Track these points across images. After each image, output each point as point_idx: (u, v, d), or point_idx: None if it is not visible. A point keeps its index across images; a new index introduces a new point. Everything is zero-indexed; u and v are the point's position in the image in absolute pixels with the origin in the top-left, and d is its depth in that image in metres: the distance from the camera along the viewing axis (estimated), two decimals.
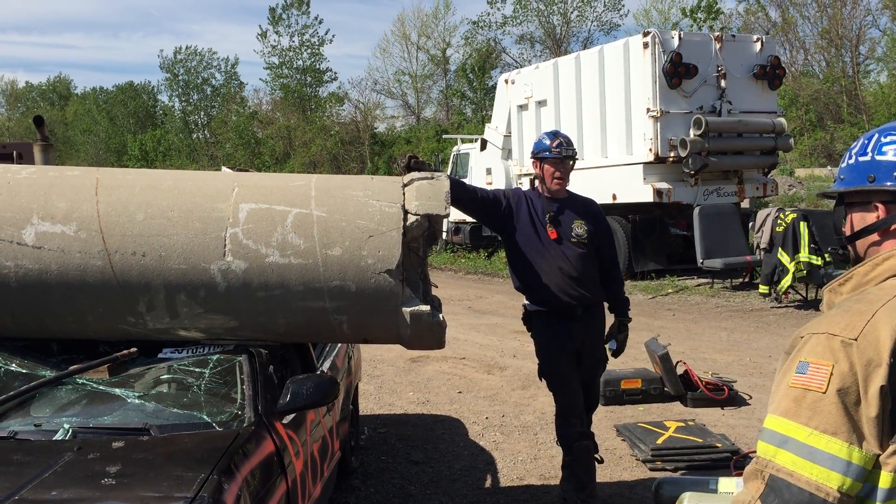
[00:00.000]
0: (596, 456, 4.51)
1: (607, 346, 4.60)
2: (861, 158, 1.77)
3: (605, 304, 4.65)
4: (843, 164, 1.83)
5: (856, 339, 1.55)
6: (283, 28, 43.06)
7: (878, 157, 1.74)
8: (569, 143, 4.45)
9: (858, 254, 1.79)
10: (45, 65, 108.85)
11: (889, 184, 1.71)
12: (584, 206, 4.55)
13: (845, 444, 1.51)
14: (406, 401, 7.11)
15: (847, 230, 1.82)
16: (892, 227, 1.72)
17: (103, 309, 3.45)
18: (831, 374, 1.54)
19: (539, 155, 4.47)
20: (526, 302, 4.55)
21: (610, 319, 4.65)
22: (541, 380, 4.59)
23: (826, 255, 10.69)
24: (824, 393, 1.53)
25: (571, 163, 4.46)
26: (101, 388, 3.35)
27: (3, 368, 3.42)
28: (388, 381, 7.79)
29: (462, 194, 4.36)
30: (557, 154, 4.39)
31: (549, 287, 4.35)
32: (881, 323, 1.56)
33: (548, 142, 4.45)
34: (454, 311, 11.35)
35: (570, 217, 4.43)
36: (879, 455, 1.52)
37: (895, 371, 1.52)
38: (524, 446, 5.74)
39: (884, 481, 1.52)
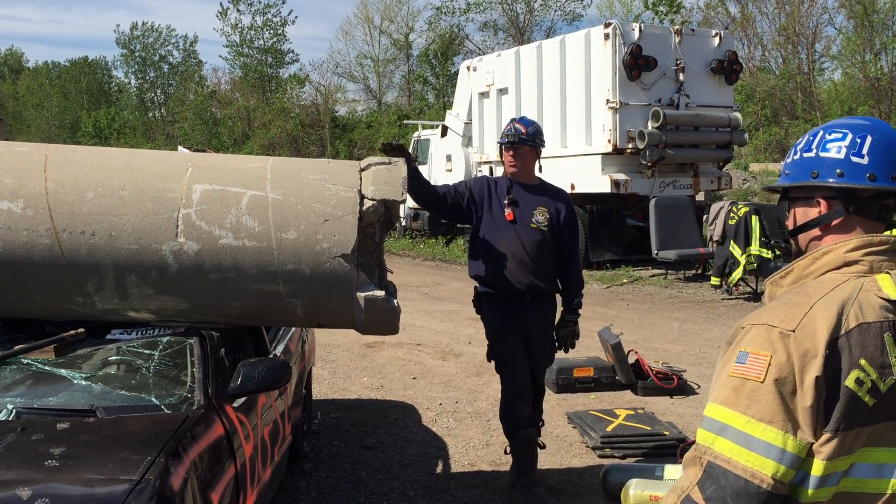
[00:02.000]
0: (539, 441, 4.59)
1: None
2: (806, 154, 1.80)
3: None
4: (789, 160, 1.86)
5: (793, 331, 1.59)
6: (245, 6, 42.42)
7: (822, 154, 1.77)
8: (519, 131, 4.51)
9: (801, 247, 1.83)
10: None
11: (831, 180, 1.74)
12: (552, 195, 4.60)
13: (780, 432, 1.55)
14: (360, 386, 7.10)
15: (790, 224, 1.85)
16: (834, 223, 1.76)
17: (51, 288, 3.39)
18: (769, 364, 1.58)
19: (499, 142, 4.67)
20: (477, 284, 4.60)
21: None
22: (489, 361, 4.63)
23: (776, 249, 10.91)
24: (762, 382, 1.57)
25: (527, 148, 4.52)
26: (46, 368, 3.29)
27: None
28: (342, 365, 7.78)
29: (425, 189, 4.48)
30: (504, 140, 4.55)
31: (500, 271, 4.40)
32: (818, 315, 1.60)
33: (504, 128, 4.60)
34: (411, 298, 11.35)
35: (534, 203, 4.49)
36: (813, 444, 1.57)
37: (830, 363, 1.57)
38: (476, 433, 5.78)
39: (816, 469, 1.57)
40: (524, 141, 4.50)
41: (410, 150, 18.95)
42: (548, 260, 4.49)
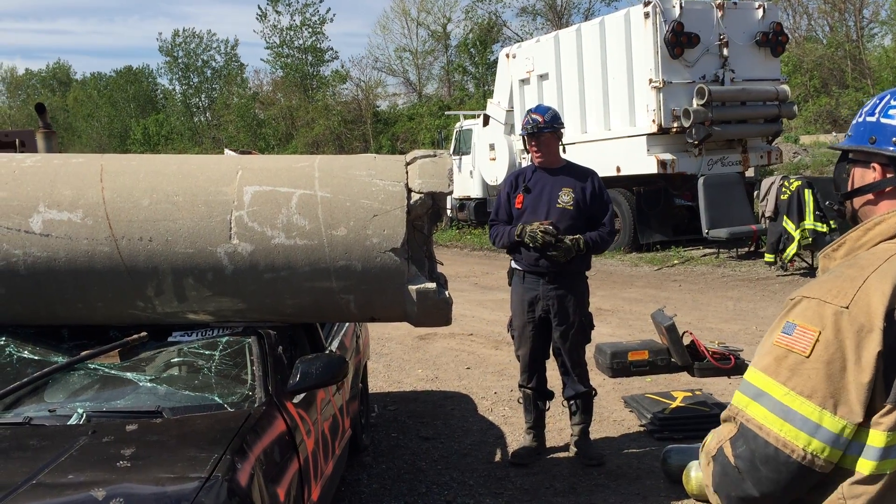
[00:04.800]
0: (539, 403, 5.07)
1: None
2: (868, 118, 1.78)
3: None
4: (854, 121, 1.84)
5: (847, 307, 1.57)
6: (283, 6, 42.77)
7: (882, 120, 1.74)
8: (535, 121, 4.79)
9: (854, 210, 1.82)
10: (42, 51, 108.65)
11: (891, 149, 1.72)
12: (577, 175, 4.90)
13: (817, 407, 1.55)
14: (415, 378, 7.16)
15: (849, 185, 1.83)
16: (888, 189, 1.74)
17: (112, 294, 3.48)
18: (817, 340, 1.57)
19: (520, 133, 4.99)
20: (512, 260, 4.99)
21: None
22: (508, 331, 5.14)
23: (831, 222, 10.68)
24: (808, 357, 1.57)
25: (548, 134, 4.82)
26: (112, 372, 3.38)
27: (15, 355, 3.46)
28: (396, 358, 7.84)
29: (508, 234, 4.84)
30: (528, 130, 4.84)
31: (525, 250, 4.77)
32: (872, 289, 1.58)
33: (524, 119, 4.93)
34: (461, 288, 11.38)
35: (559, 185, 4.82)
36: (858, 423, 1.55)
37: (889, 335, 1.54)
38: None
39: (878, 441, 1.55)
40: (543, 129, 4.80)
41: (453, 141, 19.13)
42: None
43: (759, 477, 1.59)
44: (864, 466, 1.56)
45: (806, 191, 10.75)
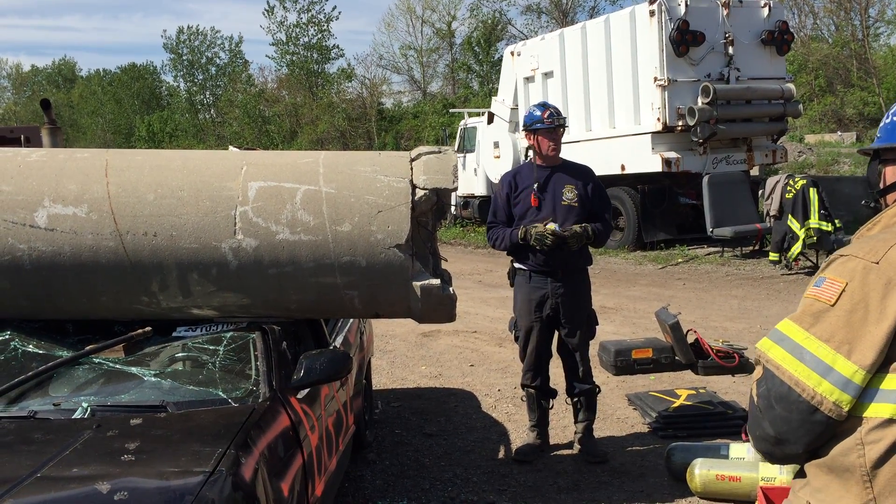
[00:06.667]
0: (542, 401, 5.07)
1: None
2: (895, 118, 1.90)
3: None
4: (881, 124, 1.96)
5: (877, 263, 1.66)
6: (291, 3, 42.73)
7: None
8: (558, 112, 4.82)
9: (888, 205, 1.91)
10: (47, 48, 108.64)
11: None
12: (577, 172, 4.90)
13: (832, 350, 1.64)
14: (418, 375, 7.16)
15: (882, 184, 1.94)
16: None
17: (117, 289, 3.49)
18: (843, 290, 1.67)
19: (532, 127, 4.83)
20: (513, 258, 4.96)
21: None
22: (510, 331, 5.09)
23: (836, 221, 10.66)
24: (832, 306, 1.67)
25: (562, 130, 4.83)
26: (117, 367, 3.39)
27: (20, 350, 3.47)
28: (400, 355, 7.84)
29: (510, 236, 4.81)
30: (550, 124, 4.75)
31: (535, 252, 4.74)
32: None
33: (538, 113, 4.81)
34: (464, 286, 11.38)
35: (561, 182, 4.80)
36: (867, 367, 1.62)
37: None
38: None
39: None
40: (563, 123, 4.81)
41: (457, 139, 19.12)
42: None
43: (773, 416, 1.69)
44: (885, 410, 1.62)
45: (811, 189, 10.73)
